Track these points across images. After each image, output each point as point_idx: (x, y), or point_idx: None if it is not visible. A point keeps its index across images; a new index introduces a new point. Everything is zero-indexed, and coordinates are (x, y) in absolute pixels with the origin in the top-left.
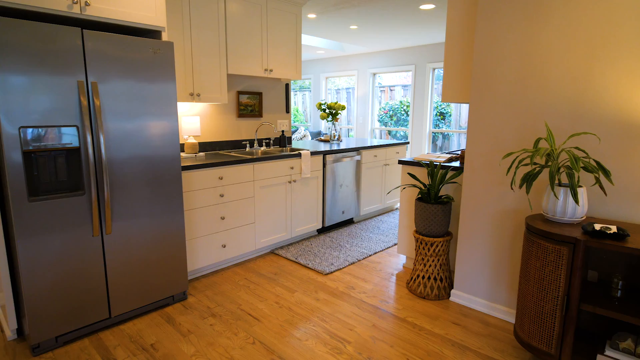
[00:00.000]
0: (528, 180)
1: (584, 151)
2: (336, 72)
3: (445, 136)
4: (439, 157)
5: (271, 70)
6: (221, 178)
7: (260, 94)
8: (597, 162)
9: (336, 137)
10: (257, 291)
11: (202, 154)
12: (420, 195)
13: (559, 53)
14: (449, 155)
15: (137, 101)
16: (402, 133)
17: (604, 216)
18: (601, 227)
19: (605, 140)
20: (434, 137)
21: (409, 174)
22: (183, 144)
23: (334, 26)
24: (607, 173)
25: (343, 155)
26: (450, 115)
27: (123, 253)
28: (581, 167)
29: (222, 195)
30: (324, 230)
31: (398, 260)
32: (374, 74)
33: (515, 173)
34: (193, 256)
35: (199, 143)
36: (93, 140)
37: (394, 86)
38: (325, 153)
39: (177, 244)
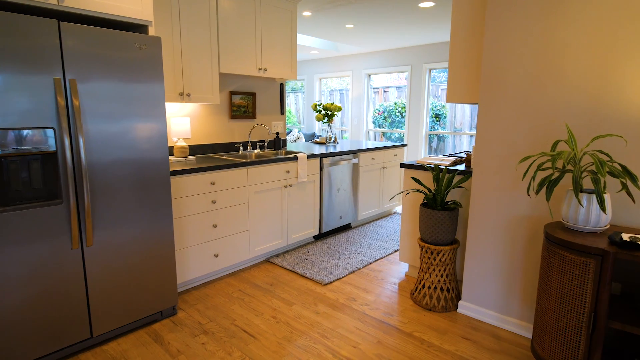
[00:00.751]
0: (549, 186)
1: (607, 154)
2: (330, 73)
3: (441, 138)
4: (442, 160)
5: (265, 70)
6: (213, 183)
7: (253, 95)
8: (623, 166)
9: (332, 140)
10: (252, 304)
11: (192, 157)
12: (425, 201)
13: (577, 48)
14: (453, 158)
15: (122, 101)
16: (396, 135)
17: (628, 224)
18: (630, 237)
19: (630, 142)
20: (429, 139)
21: (413, 178)
22: (172, 147)
23: (329, 25)
24: (634, 178)
25: (340, 158)
26: (445, 117)
27: (106, 267)
28: (606, 171)
29: (214, 202)
30: (321, 236)
31: (400, 268)
32: (369, 75)
33: (533, 178)
34: (183, 267)
35: (189, 146)
36: (72, 144)
37: (387, 87)
38: (322, 156)
39: (165, 255)
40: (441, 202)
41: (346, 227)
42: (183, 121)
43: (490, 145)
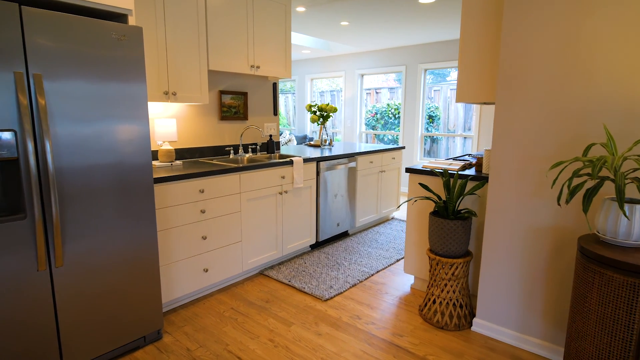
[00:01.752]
0: (587, 195)
1: None
2: (322, 74)
3: (434, 140)
4: (450, 164)
5: (258, 67)
6: (202, 191)
7: (245, 94)
8: None
9: (327, 142)
10: (246, 325)
11: (179, 162)
12: (436, 210)
13: (609, 42)
14: (461, 162)
15: (97, 100)
16: (389, 137)
17: None
18: None
19: None
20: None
21: (421, 184)
22: (156, 151)
23: (323, 22)
24: None
25: (338, 162)
26: (439, 119)
27: (79, 289)
28: None
29: (203, 211)
30: (317, 245)
31: (404, 280)
32: (362, 76)
33: (569, 187)
34: (169, 284)
35: (176, 150)
36: (36, 149)
37: (379, 89)
38: (318, 160)
39: (149, 272)
40: (453, 210)
41: (343, 235)
42: (168, 123)
43: (508, 149)
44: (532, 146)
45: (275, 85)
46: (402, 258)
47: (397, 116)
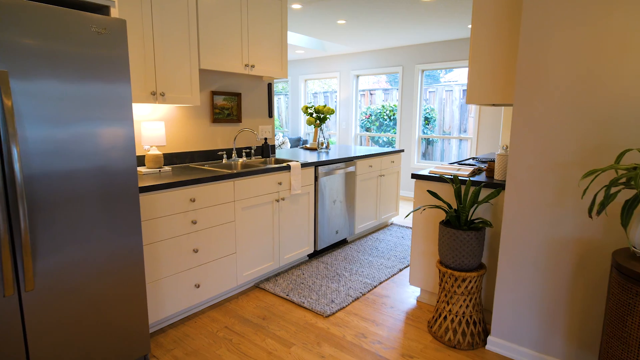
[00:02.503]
0: (627, 207)
1: None
2: (316, 74)
3: (430, 142)
4: (459, 169)
5: (253, 67)
6: (193, 200)
7: (238, 95)
8: None
9: (324, 145)
10: (242, 347)
11: (168, 168)
12: (448, 219)
13: None
14: (470, 167)
15: (74, 101)
16: (384, 139)
17: None
18: None
19: None
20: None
21: (430, 192)
22: (143, 156)
23: (319, 20)
24: None
25: (337, 167)
26: (435, 120)
27: (53, 314)
28: None
29: (194, 222)
30: (315, 254)
31: (409, 292)
32: (357, 76)
33: (607, 198)
34: (157, 303)
35: (165, 155)
36: (1, 155)
37: (373, 90)
38: (317, 164)
39: (134, 291)
40: (466, 220)
41: (342, 243)
42: (156, 126)
43: (527, 154)
44: (553, 151)
45: (270, 86)
46: (405, 267)
47: (392, 118)
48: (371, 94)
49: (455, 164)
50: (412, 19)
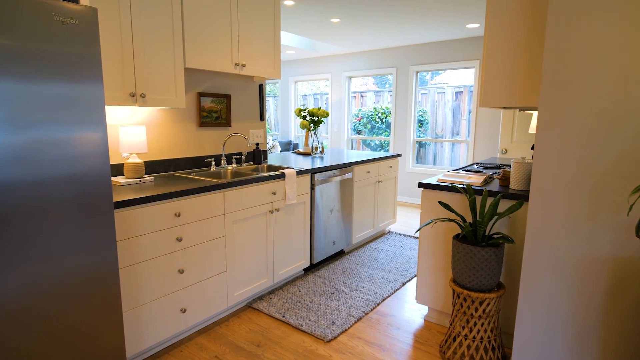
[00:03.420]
0: None
1: None
2: (307, 76)
3: (422, 145)
4: (470, 177)
5: (244, 66)
6: (178, 215)
7: (228, 97)
8: None
9: (319, 150)
10: None
11: (149, 178)
12: (463, 234)
13: None
14: (481, 175)
15: (32, 102)
16: (376, 142)
17: None
18: None
19: None
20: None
21: (441, 204)
22: (122, 165)
23: (312, 18)
24: None
25: (334, 173)
26: (428, 123)
27: (3, 351)
28: None
29: (179, 239)
30: (312, 267)
31: (414, 309)
32: (350, 78)
33: None
34: (138, 332)
35: (146, 162)
36: None
37: (364, 92)
38: (312, 172)
39: (108, 321)
40: (484, 235)
41: (339, 254)
42: (136, 131)
43: (555, 162)
44: (586, 160)
45: (262, 87)
46: (408, 281)
47: (384, 120)
48: (362, 96)
49: (461, 170)
50: (410, 18)
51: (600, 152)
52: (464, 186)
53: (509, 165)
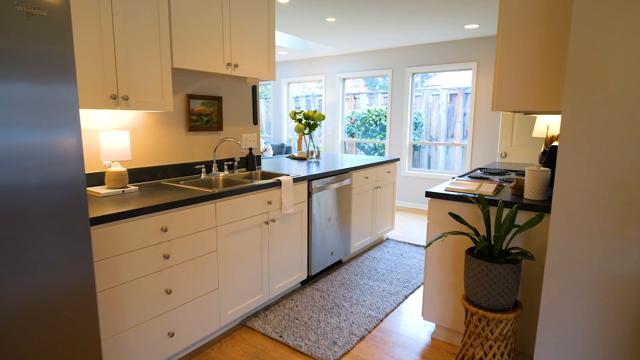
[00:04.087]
0: None
1: None
2: (300, 77)
3: (416, 148)
4: (480, 186)
5: (236, 66)
6: (165, 229)
7: (219, 99)
8: None
9: (314, 155)
10: None
11: (134, 187)
12: (479, 250)
13: None
14: (492, 184)
15: None
16: (370, 145)
17: None
18: None
19: None
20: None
21: (452, 215)
22: (103, 174)
23: (307, 17)
24: None
25: (332, 180)
26: (422, 126)
27: None
28: None
29: (167, 257)
30: (309, 279)
31: (420, 325)
32: (344, 80)
33: None
34: None
35: (130, 170)
36: None
37: (358, 94)
38: (310, 179)
39: (83, 352)
40: (500, 251)
41: (337, 264)
42: (119, 136)
43: (581, 173)
44: (615, 170)
45: (255, 89)
46: (411, 293)
47: (377, 123)
48: (355, 98)
49: (466, 177)
50: (409, 18)
51: (631, 164)
52: (476, 196)
53: (514, 171)
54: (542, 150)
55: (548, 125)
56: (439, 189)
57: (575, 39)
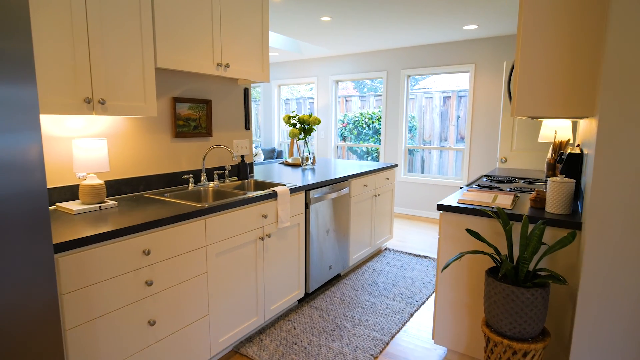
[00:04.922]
0: None
1: None
2: (292, 79)
3: (410, 152)
4: (496, 197)
5: (227, 66)
6: (148, 252)
7: (208, 103)
8: None
9: (310, 161)
10: None
11: (112, 202)
12: (504, 272)
13: None
14: (509, 195)
15: None
16: (363, 149)
17: None
18: None
19: None
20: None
21: (470, 232)
22: (77, 187)
23: (301, 16)
24: None
25: (330, 189)
26: (416, 129)
27: None
28: None
29: (149, 283)
30: (307, 297)
31: (429, 348)
32: (337, 82)
33: None
34: None
35: (109, 182)
36: None
37: (350, 97)
38: (308, 188)
39: None
40: (527, 273)
41: (335, 278)
42: (94, 144)
43: (620, 188)
44: None
45: (247, 91)
46: (416, 310)
47: (370, 126)
48: (347, 101)
49: (474, 186)
50: (406, 17)
51: None
52: (495, 209)
53: (523, 179)
54: (549, 155)
55: (556, 130)
56: (451, 200)
57: (613, 35)
